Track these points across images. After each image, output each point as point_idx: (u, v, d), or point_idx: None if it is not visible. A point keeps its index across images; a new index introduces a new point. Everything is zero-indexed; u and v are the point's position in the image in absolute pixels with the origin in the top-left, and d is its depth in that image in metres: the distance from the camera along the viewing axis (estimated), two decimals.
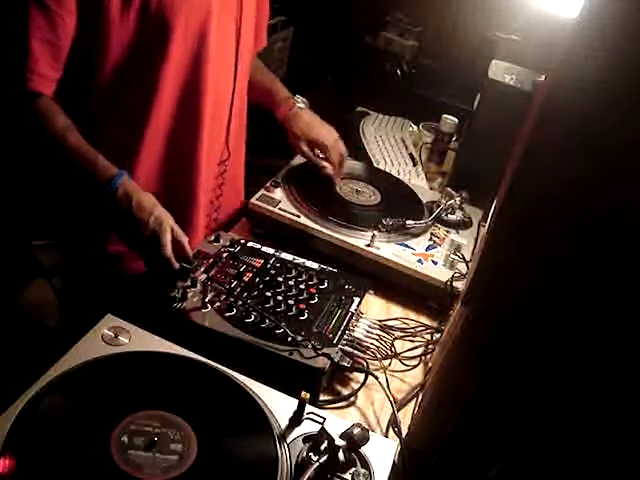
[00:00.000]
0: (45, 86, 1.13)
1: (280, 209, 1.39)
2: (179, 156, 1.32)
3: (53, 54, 1.12)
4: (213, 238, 1.24)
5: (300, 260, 1.24)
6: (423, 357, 1.19)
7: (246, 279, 1.15)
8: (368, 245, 1.34)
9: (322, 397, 1.05)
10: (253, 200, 1.41)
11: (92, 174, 1.12)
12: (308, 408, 0.89)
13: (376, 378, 1.05)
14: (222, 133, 1.41)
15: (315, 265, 1.24)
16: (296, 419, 0.88)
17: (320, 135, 1.55)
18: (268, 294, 1.10)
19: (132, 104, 1.24)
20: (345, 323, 1.10)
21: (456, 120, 1.89)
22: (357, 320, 1.15)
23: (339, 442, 0.81)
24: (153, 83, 1.22)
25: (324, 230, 1.36)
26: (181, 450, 0.80)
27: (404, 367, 1.16)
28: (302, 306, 1.10)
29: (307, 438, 0.86)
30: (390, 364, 1.14)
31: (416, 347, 1.20)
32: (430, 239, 1.42)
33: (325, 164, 1.54)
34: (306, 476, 0.77)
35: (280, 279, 1.17)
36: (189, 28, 1.20)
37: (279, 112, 1.55)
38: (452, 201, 1.50)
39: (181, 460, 0.79)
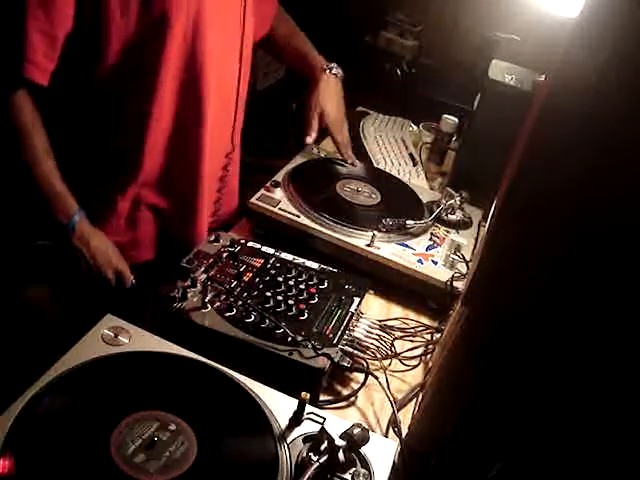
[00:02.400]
0: (40, 75, 1.16)
1: (280, 209, 1.39)
2: (183, 150, 1.35)
3: (49, 44, 1.14)
4: (213, 238, 1.24)
5: (300, 260, 1.24)
6: (423, 357, 1.19)
7: (246, 279, 1.15)
8: (368, 245, 1.33)
9: (322, 397, 1.05)
10: (253, 200, 1.40)
11: (54, 207, 1.22)
12: (308, 408, 0.89)
13: (376, 378, 1.05)
14: (229, 126, 1.44)
15: (315, 265, 1.24)
16: (296, 419, 0.88)
17: (325, 107, 1.58)
18: (268, 294, 1.10)
19: (133, 100, 1.26)
20: (345, 323, 1.10)
21: (456, 120, 1.89)
22: (357, 320, 1.15)
23: (339, 442, 0.80)
24: (153, 78, 1.24)
25: (324, 230, 1.36)
26: (181, 450, 0.80)
27: (404, 367, 1.16)
28: (302, 306, 1.10)
29: (307, 438, 0.86)
30: (390, 364, 1.14)
31: (416, 347, 1.20)
32: (430, 239, 1.42)
33: (310, 134, 1.57)
34: (306, 476, 0.77)
35: (280, 279, 1.17)
36: (188, 21, 1.22)
37: (311, 75, 1.60)
38: (452, 201, 1.50)
39: (181, 460, 0.79)
